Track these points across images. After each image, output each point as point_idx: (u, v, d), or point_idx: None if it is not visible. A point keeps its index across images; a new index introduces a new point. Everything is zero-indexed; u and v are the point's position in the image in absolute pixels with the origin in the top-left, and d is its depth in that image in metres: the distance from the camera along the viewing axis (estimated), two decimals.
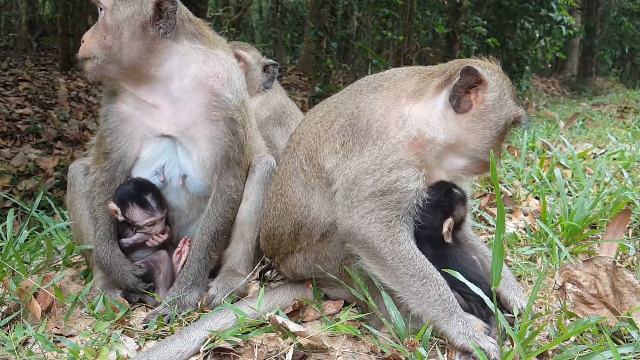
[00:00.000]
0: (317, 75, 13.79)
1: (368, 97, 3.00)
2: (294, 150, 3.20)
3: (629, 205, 4.18)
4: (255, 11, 31.80)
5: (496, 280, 2.23)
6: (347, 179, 2.86)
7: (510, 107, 2.95)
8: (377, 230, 2.75)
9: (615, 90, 27.74)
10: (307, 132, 3.17)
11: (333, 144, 2.98)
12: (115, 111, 3.42)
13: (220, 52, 3.49)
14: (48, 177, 10.69)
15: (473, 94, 2.90)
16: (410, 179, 2.79)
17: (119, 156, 3.43)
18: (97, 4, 3.28)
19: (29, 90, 14.19)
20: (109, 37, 3.21)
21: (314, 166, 3.03)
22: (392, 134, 2.85)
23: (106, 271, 3.42)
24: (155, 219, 3.45)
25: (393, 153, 2.81)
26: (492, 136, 2.94)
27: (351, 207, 2.81)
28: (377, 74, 3.23)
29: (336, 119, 3.05)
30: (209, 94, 3.35)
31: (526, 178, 5.14)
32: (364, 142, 2.87)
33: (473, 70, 2.84)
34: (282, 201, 3.17)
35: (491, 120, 2.91)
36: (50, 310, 3.26)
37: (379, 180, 2.78)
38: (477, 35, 17.53)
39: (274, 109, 4.98)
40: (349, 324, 2.97)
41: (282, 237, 3.20)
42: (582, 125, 9.30)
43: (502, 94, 2.93)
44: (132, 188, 3.42)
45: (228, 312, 2.99)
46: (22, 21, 19.97)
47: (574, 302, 2.99)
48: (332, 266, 3.06)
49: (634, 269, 3.48)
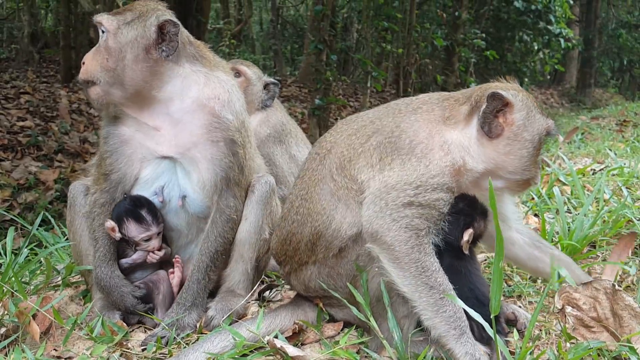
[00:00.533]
0: (317, 88, 13.81)
1: (409, 118, 3.02)
2: (324, 157, 3.15)
3: (629, 224, 4.19)
4: (255, 23, 31.96)
5: (495, 308, 2.22)
6: (385, 184, 2.85)
7: (540, 122, 3.00)
8: (407, 236, 2.75)
9: (614, 102, 27.80)
10: (340, 142, 3.13)
11: (370, 158, 2.98)
12: (115, 133, 3.43)
13: (221, 73, 3.51)
14: (48, 189, 10.70)
15: (502, 117, 2.92)
16: (447, 202, 2.84)
17: (118, 177, 3.44)
18: (99, 26, 3.29)
19: (30, 102, 14.23)
20: (112, 59, 3.23)
21: (345, 176, 3.01)
22: (438, 157, 2.88)
23: (105, 292, 3.41)
24: (151, 233, 3.44)
25: (439, 175, 2.84)
26: (530, 154, 2.97)
27: (385, 208, 2.79)
28: (410, 97, 3.28)
29: (373, 134, 3.04)
30: (209, 115, 3.37)
31: (525, 195, 5.14)
32: (406, 158, 2.88)
33: (499, 95, 2.88)
34: (306, 206, 3.12)
35: (525, 139, 2.95)
36: (49, 332, 3.26)
37: (421, 194, 2.79)
38: (476, 47, 17.65)
39: (274, 127, 5.00)
40: (348, 347, 2.96)
41: (299, 244, 3.15)
42: (581, 140, 9.32)
43: (530, 112, 2.97)
44: (127, 204, 3.43)
45: (226, 335, 2.98)
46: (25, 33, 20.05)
47: (574, 325, 2.98)
48: (343, 284, 3.03)
49: (634, 289, 3.48)
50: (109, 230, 3.43)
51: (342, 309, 3.16)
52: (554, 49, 20.75)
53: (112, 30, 3.25)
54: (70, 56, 16.88)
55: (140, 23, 3.27)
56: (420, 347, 2.82)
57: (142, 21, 3.28)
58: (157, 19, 3.28)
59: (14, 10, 22.06)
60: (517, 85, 3.13)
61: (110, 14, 3.34)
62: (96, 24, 3.30)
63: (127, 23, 3.26)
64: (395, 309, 2.85)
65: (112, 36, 3.24)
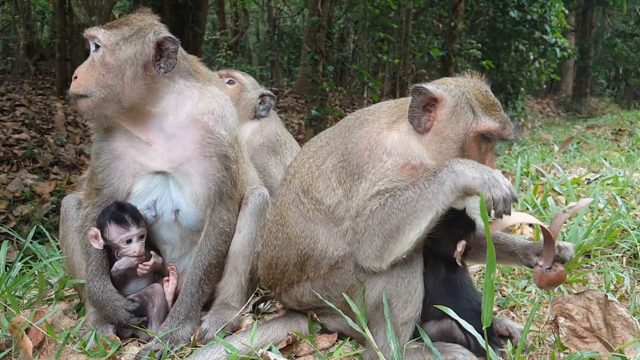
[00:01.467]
0: (313, 98, 13.84)
1: (355, 136, 3.00)
2: (290, 182, 3.22)
3: (623, 233, 4.19)
4: (252, 34, 32.07)
5: (487, 320, 2.22)
6: (352, 218, 2.86)
7: (469, 120, 2.86)
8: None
9: (610, 111, 27.93)
10: (300, 167, 3.19)
11: (328, 181, 3.00)
12: (108, 149, 3.42)
13: (214, 88, 3.52)
14: (44, 202, 10.67)
15: (433, 112, 2.90)
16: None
17: (111, 192, 3.43)
18: (92, 40, 3.27)
19: (26, 115, 14.22)
20: (109, 76, 3.21)
21: (311, 199, 3.04)
22: (380, 166, 2.86)
23: (98, 307, 3.40)
24: (130, 234, 3.39)
25: (382, 178, 2.82)
26: (456, 153, 2.87)
27: (362, 242, 2.79)
28: (364, 109, 3.25)
29: (328, 156, 3.08)
30: (203, 130, 3.38)
31: (520, 205, 5.14)
32: (358, 182, 2.88)
33: (422, 89, 2.85)
34: (284, 231, 3.16)
35: (449, 136, 2.87)
36: (42, 347, 3.24)
37: (383, 193, 2.78)
38: (472, 57, 17.71)
39: (268, 137, 4.99)
40: (342, 359, 2.95)
41: (286, 266, 3.17)
42: (576, 149, 9.34)
43: (460, 109, 2.87)
44: (111, 207, 3.41)
45: (220, 348, 2.97)
46: (20, 45, 20.04)
47: (567, 336, 2.98)
48: (338, 293, 3.02)
49: (628, 298, 3.47)
50: (91, 239, 3.39)
51: (334, 318, 3.16)
52: (549, 58, 20.86)
53: (109, 45, 3.23)
54: (66, 68, 16.87)
55: (139, 39, 3.24)
56: (414, 356, 2.81)
57: (141, 37, 3.26)
58: (156, 35, 3.27)
59: (9, 23, 22.06)
60: (465, 80, 3.01)
61: (106, 28, 3.30)
62: (87, 37, 3.27)
63: (125, 39, 3.24)
64: (395, 315, 2.83)
65: (109, 52, 3.22)
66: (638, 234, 4.10)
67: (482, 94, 2.94)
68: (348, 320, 2.95)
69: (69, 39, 17.27)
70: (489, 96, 2.96)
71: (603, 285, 3.71)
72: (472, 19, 19.60)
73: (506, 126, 2.92)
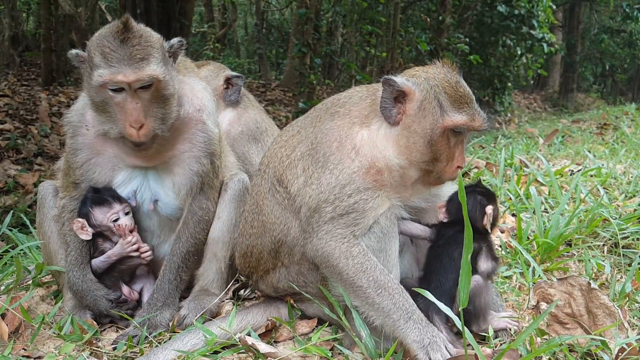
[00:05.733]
0: (301, 91, 13.83)
1: (326, 126, 2.99)
2: (264, 172, 3.21)
3: (604, 223, 4.21)
4: (240, 27, 31.92)
5: (464, 301, 2.21)
6: (309, 207, 2.89)
7: (436, 116, 2.81)
8: (331, 248, 2.79)
9: (596, 107, 28.09)
10: (273, 156, 3.18)
11: (295, 169, 3.01)
12: (87, 143, 3.35)
13: (195, 80, 3.52)
14: (28, 193, 10.56)
15: (404, 104, 2.86)
16: (368, 200, 2.81)
17: (89, 186, 3.39)
18: (148, 80, 3.08)
19: (10, 105, 14.06)
20: (166, 106, 3.20)
21: (284, 188, 3.05)
22: (347, 165, 2.85)
23: (79, 297, 3.36)
24: (115, 210, 3.35)
25: (349, 183, 2.81)
26: (424, 147, 2.83)
27: (312, 232, 2.86)
28: (336, 96, 3.18)
29: (298, 144, 3.07)
30: (195, 129, 3.38)
31: (503, 195, 5.15)
32: (321, 172, 2.88)
33: (391, 81, 2.81)
34: (260, 219, 3.15)
35: (416, 130, 2.83)
36: (18, 332, 3.20)
37: (338, 206, 2.80)
38: (460, 52, 17.71)
39: (247, 125, 4.89)
40: (321, 344, 2.94)
41: (261, 254, 3.17)
42: (561, 142, 9.38)
43: (427, 103, 2.82)
44: (88, 195, 3.38)
45: (198, 333, 2.95)
46: (5, 36, 19.86)
47: (548, 322, 2.98)
48: (315, 279, 3.03)
49: (608, 286, 3.49)
50: (78, 231, 3.35)
51: (312, 303, 3.15)
52: (537, 53, 20.89)
53: (165, 78, 3.15)
54: (51, 59, 16.73)
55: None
56: (392, 340, 2.81)
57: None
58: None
59: None
60: (436, 71, 2.92)
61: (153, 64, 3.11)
62: (147, 77, 3.06)
63: (171, 65, 3.28)
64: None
65: (163, 85, 3.14)
66: (620, 223, 4.12)
67: (452, 86, 2.87)
68: (325, 309, 2.97)
69: (54, 29, 17.10)
70: (459, 88, 2.89)
71: (584, 273, 3.73)
72: (460, 14, 19.58)
73: (475, 118, 2.88)
